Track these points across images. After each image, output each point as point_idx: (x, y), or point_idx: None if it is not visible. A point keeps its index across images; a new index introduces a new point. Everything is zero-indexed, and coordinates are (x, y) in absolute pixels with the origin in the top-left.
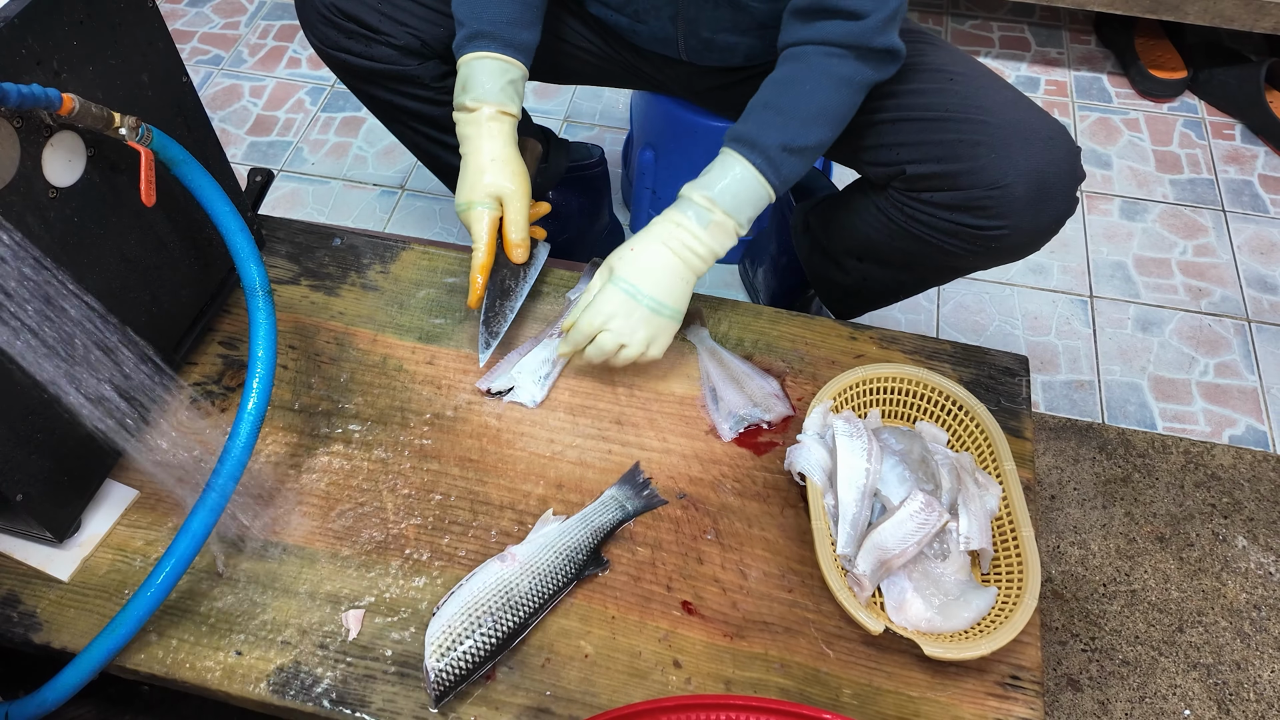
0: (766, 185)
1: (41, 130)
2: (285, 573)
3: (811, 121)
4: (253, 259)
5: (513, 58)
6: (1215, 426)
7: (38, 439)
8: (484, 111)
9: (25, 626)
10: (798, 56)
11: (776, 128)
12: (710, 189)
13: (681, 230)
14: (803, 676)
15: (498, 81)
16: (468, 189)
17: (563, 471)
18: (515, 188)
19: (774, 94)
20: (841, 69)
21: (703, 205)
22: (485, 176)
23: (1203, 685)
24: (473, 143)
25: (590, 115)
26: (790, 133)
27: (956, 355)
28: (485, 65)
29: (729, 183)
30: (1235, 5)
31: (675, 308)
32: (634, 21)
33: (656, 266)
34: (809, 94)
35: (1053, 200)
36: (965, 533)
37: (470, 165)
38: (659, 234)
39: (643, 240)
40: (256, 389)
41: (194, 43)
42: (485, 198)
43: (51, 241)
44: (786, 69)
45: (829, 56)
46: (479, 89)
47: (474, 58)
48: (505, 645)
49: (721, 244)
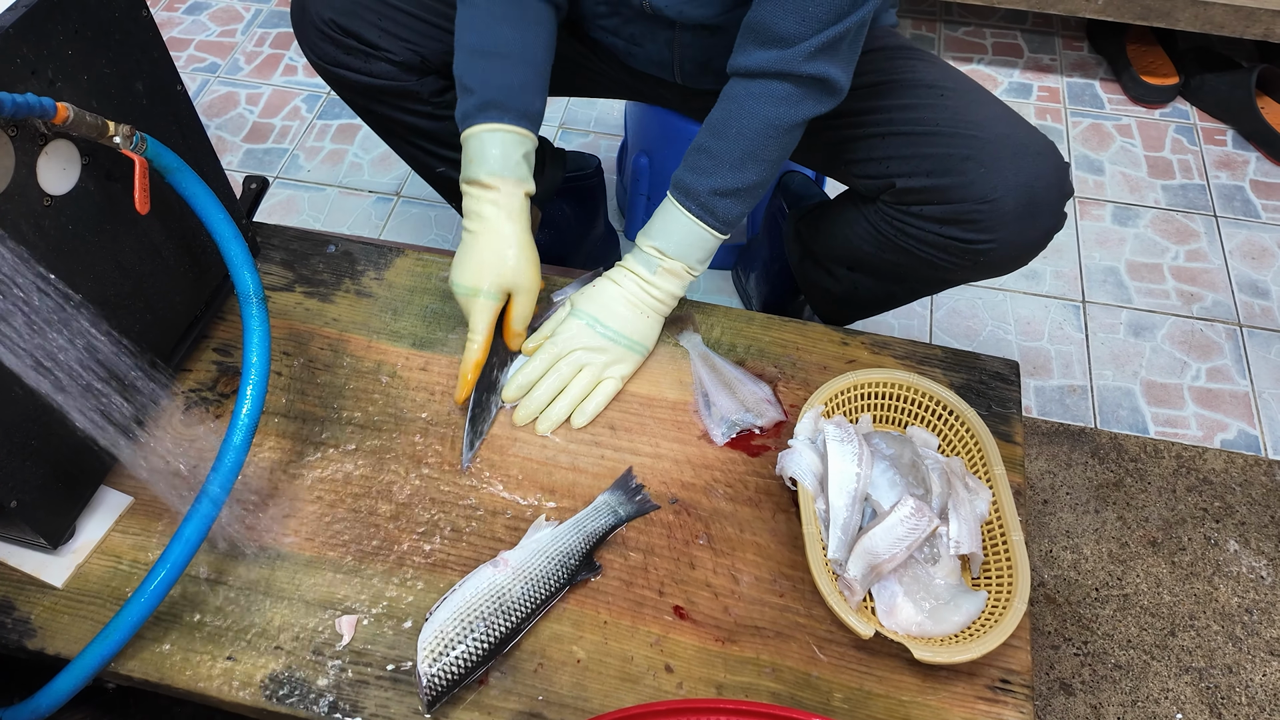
0: (707, 229)
1: (36, 139)
2: (279, 578)
3: (742, 165)
4: (247, 266)
5: (528, 130)
6: (1207, 431)
7: (32, 446)
8: (505, 190)
9: (19, 633)
10: (730, 96)
11: (707, 173)
12: (655, 238)
13: (635, 277)
14: (794, 681)
15: (515, 155)
16: (475, 274)
17: (555, 477)
18: (530, 282)
19: (707, 138)
20: (769, 111)
21: (652, 254)
22: (502, 263)
23: (1195, 689)
24: (489, 224)
25: (585, 122)
26: (721, 178)
27: (948, 360)
28: (501, 138)
29: (672, 230)
30: (1225, 12)
31: (634, 339)
32: (630, 45)
33: (615, 305)
34: (738, 136)
35: (1041, 215)
36: (955, 537)
37: (484, 248)
38: (614, 277)
39: (601, 283)
40: (250, 396)
41: (190, 50)
42: (494, 288)
43: (46, 249)
44: (720, 110)
45: (758, 97)
46: (496, 164)
47: (486, 129)
48: (498, 650)
49: (677, 285)
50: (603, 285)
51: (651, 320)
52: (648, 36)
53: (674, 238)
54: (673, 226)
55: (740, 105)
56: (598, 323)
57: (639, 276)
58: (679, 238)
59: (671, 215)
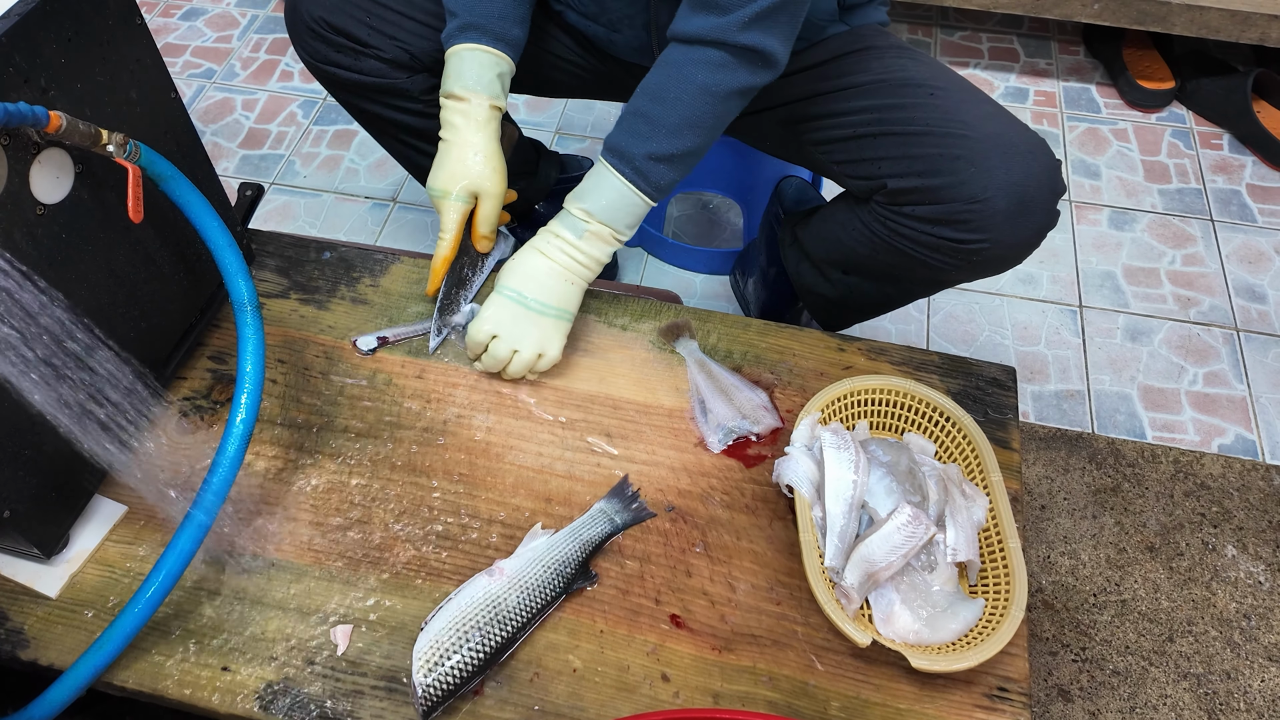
0: (638, 194)
1: (29, 147)
2: (273, 588)
3: (679, 131)
4: (241, 274)
5: (504, 52)
6: (1204, 436)
7: (25, 455)
8: (474, 102)
9: (12, 643)
10: (668, 62)
11: (644, 137)
12: (584, 200)
13: (560, 240)
14: (791, 689)
15: (489, 73)
16: (445, 177)
17: (551, 485)
18: (494, 186)
19: (644, 102)
20: (705, 78)
21: (579, 216)
22: (467, 168)
23: (1193, 695)
24: (460, 132)
25: (582, 127)
26: (657, 142)
27: (944, 366)
28: (477, 57)
29: (602, 193)
30: (1221, 16)
31: (560, 307)
32: (609, 31)
33: (538, 272)
34: (675, 101)
35: (1033, 213)
36: (952, 544)
37: (452, 154)
38: (538, 244)
39: (524, 251)
40: (244, 404)
41: (186, 56)
42: (462, 190)
43: (39, 258)
44: (657, 75)
45: (696, 63)
46: (470, 79)
47: (465, 48)
48: (493, 660)
49: (602, 250)
50: (527, 255)
51: (576, 287)
52: (625, 21)
53: (604, 200)
54: (604, 189)
55: (678, 71)
56: (524, 297)
57: (565, 241)
58: (609, 201)
59: (603, 178)
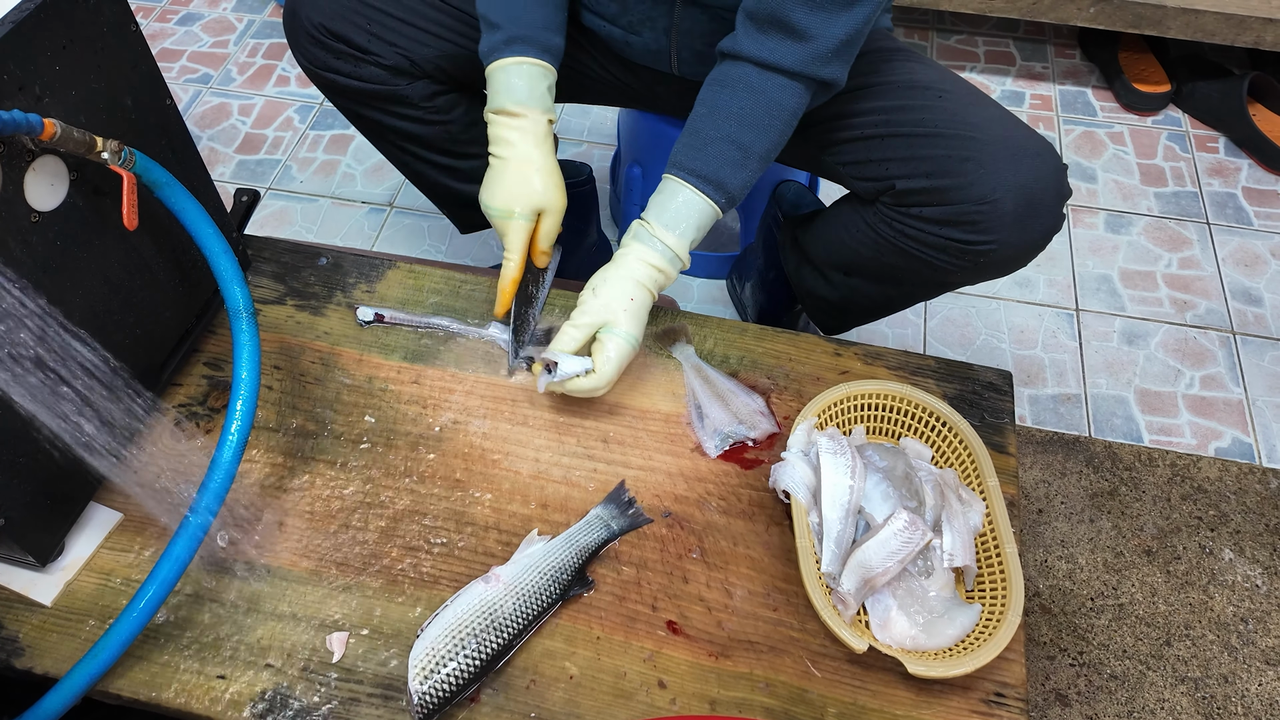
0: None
1: (23, 155)
2: (269, 595)
3: (765, 158)
4: (236, 281)
5: (550, 63)
6: (1201, 439)
7: (20, 463)
8: (531, 117)
9: (7, 652)
10: (750, 86)
11: (739, 166)
12: (680, 230)
13: (660, 276)
14: (788, 696)
15: (540, 86)
16: (509, 196)
17: (548, 491)
18: (557, 202)
19: (734, 128)
20: (795, 103)
21: (675, 251)
22: (530, 186)
23: (1190, 699)
24: (518, 149)
25: (579, 132)
26: (749, 171)
27: (941, 371)
28: (527, 70)
29: (699, 228)
30: (1216, 20)
31: (640, 338)
32: (627, 33)
33: (643, 312)
34: (768, 129)
35: (1040, 216)
36: (949, 550)
37: (513, 172)
38: (643, 279)
39: (636, 287)
40: (240, 412)
41: (183, 61)
42: (528, 209)
43: (33, 265)
44: (743, 99)
45: (782, 89)
46: (522, 93)
47: (514, 62)
48: (489, 667)
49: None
50: (639, 292)
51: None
52: (646, 24)
53: (698, 234)
54: (700, 223)
55: (767, 98)
56: (634, 340)
57: (664, 277)
58: (698, 234)
59: (702, 213)
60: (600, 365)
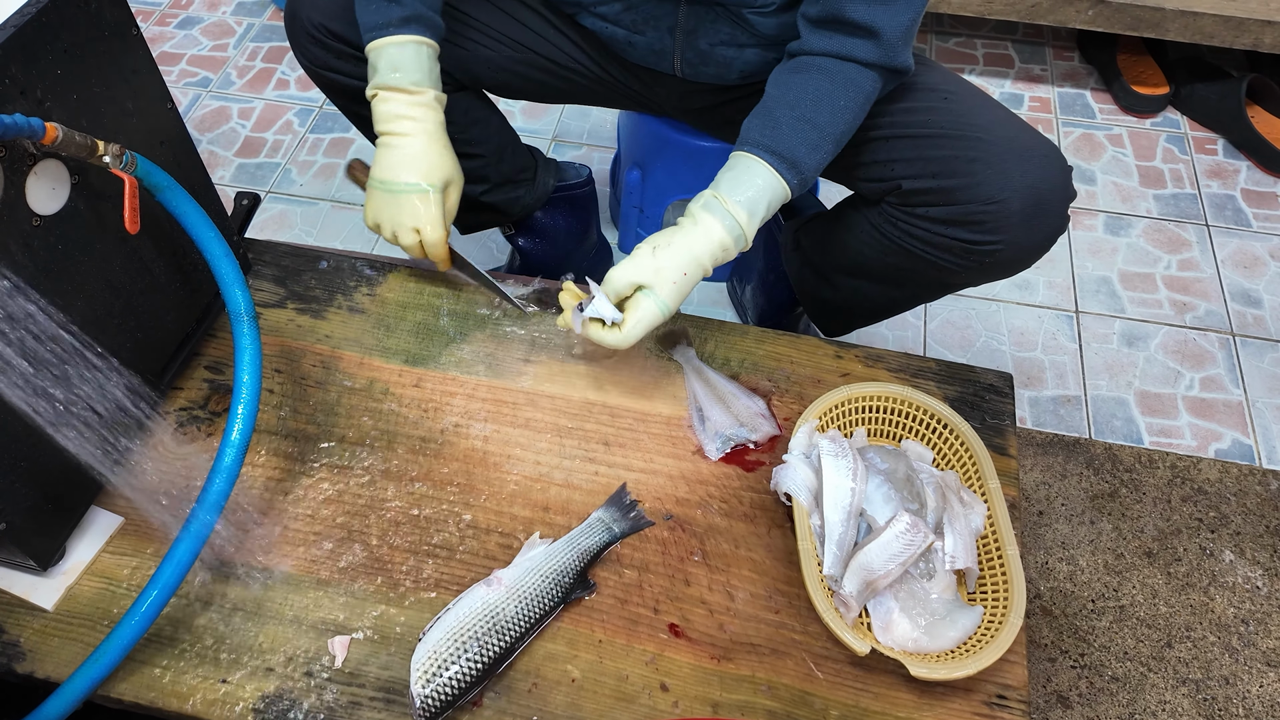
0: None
1: (25, 159)
2: (271, 599)
3: (839, 140)
4: (238, 284)
5: (438, 43)
6: (1201, 441)
7: (21, 467)
8: (429, 95)
9: (8, 656)
10: (824, 70)
11: (814, 146)
12: (751, 210)
13: (722, 253)
14: (790, 698)
15: (436, 67)
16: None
17: (549, 494)
18: (460, 176)
19: (810, 109)
20: (871, 86)
21: (744, 230)
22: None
23: (1192, 701)
24: (423, 124)
25: (578, 134)
26: (824, 151)
27: (941, 373)
28: (424, 51)
29: (770, 205)
30: (1215, 22)
31: (673, 308)
32: (630, 33)
33: (685, 282)
34: (843, 110)
35: (1047, 216)
36: (951, 552)
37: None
38: (703, 255)
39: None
40: (241, 415)
41: (182, 65)
42: (439, 182)
43: (35, 269)
44: (817, 81)
45: (859, 71)
46: (418, 73)
47: (410, 40)
48: (491, 670)
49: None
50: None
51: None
52: (649, 23)
53: (767, 212)
54: (771, 199)
55: (844, 79)
56: (665, 306)
57: (726, 251)
58: (766, 210)
59: (774, 188)
60: (629, 323)
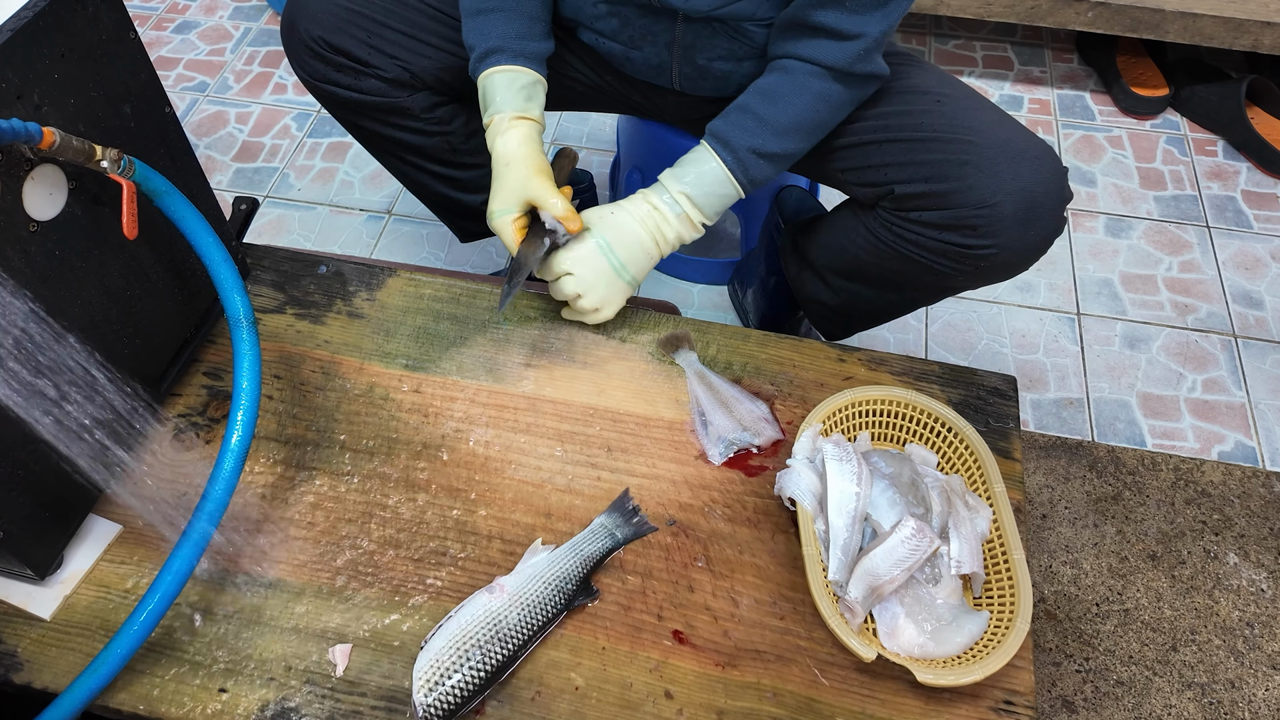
0: (735, 184)
1: (22, 164)
2: (271, 607)
3: (786, 132)
4: (236, 290)
5: (523, 66)
6: (1204, 443)
7: (18, 475)
8: (499, 121)
9: (5, 666)
10: (784, 68)
11: (749, 132)
12: (683, 181)
13: (656, 214)
14: (795, 705)
15: (509, 90)
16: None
17: (551, 500)
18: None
19: (755, 100)
20: (822, 87)
21: (679, 198)
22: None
23: (1197, 705)
24: (495, 153)
25: (578, 138)
26: (762, 139)
27: (945, 376)
28: (495, 80)
29: (702, 177)
30: (1214, 23)
31: (634, 276)
32: (628, 48)
33: (629, 236)
34: (788, 105)
35: (1041, 219)
36: (956, 557)
37: (492, 173)
38: (637, 212)
39: (622, 212)
40: (240, 422)
41: (179, 69)
42: (514, 204)
43: (32, 275)
44: (771, 78)
45: (813, 75)
46: (493, 103)
47: (484, 75)
48: (494, 678)
49: (687, 234)
50: (623, 217)
51: (651, 262)
52: (647, 39)
53: (704, 185)
54: (705, 173)
55: (794, 78)
56: (611, 252)
57: (661, 216)
58: (708, 186)
59: (705, 161)
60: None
